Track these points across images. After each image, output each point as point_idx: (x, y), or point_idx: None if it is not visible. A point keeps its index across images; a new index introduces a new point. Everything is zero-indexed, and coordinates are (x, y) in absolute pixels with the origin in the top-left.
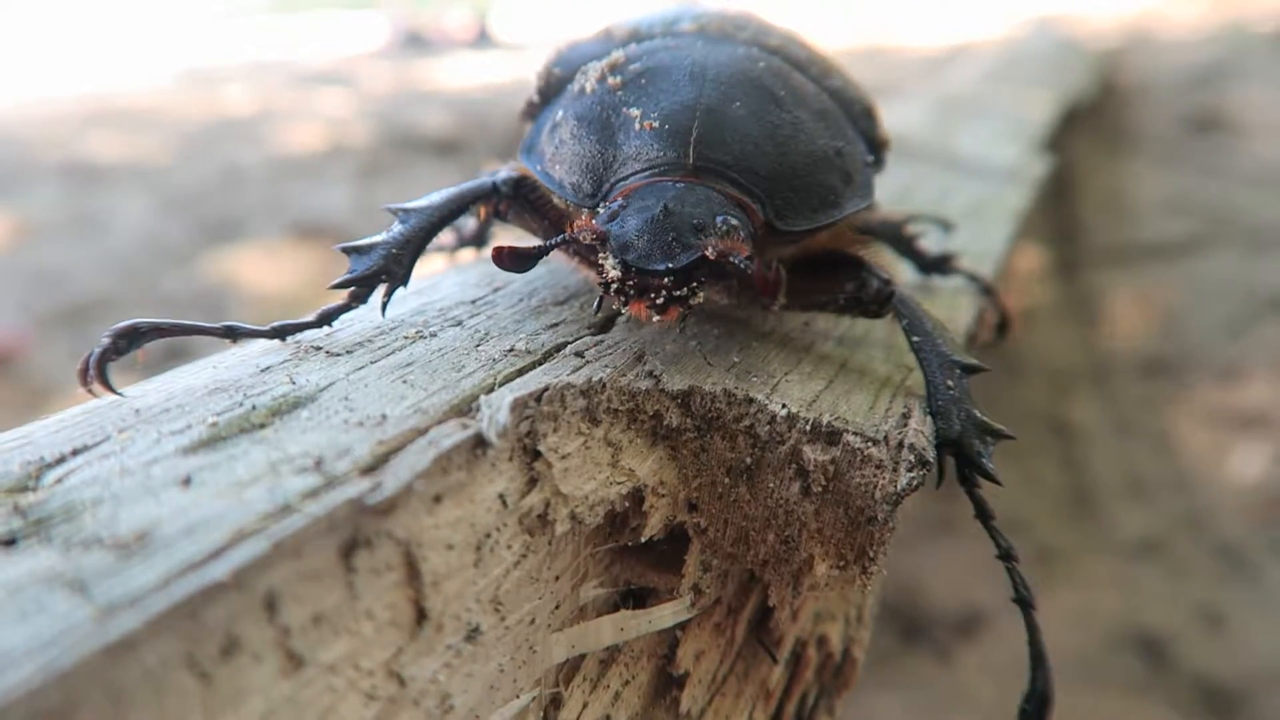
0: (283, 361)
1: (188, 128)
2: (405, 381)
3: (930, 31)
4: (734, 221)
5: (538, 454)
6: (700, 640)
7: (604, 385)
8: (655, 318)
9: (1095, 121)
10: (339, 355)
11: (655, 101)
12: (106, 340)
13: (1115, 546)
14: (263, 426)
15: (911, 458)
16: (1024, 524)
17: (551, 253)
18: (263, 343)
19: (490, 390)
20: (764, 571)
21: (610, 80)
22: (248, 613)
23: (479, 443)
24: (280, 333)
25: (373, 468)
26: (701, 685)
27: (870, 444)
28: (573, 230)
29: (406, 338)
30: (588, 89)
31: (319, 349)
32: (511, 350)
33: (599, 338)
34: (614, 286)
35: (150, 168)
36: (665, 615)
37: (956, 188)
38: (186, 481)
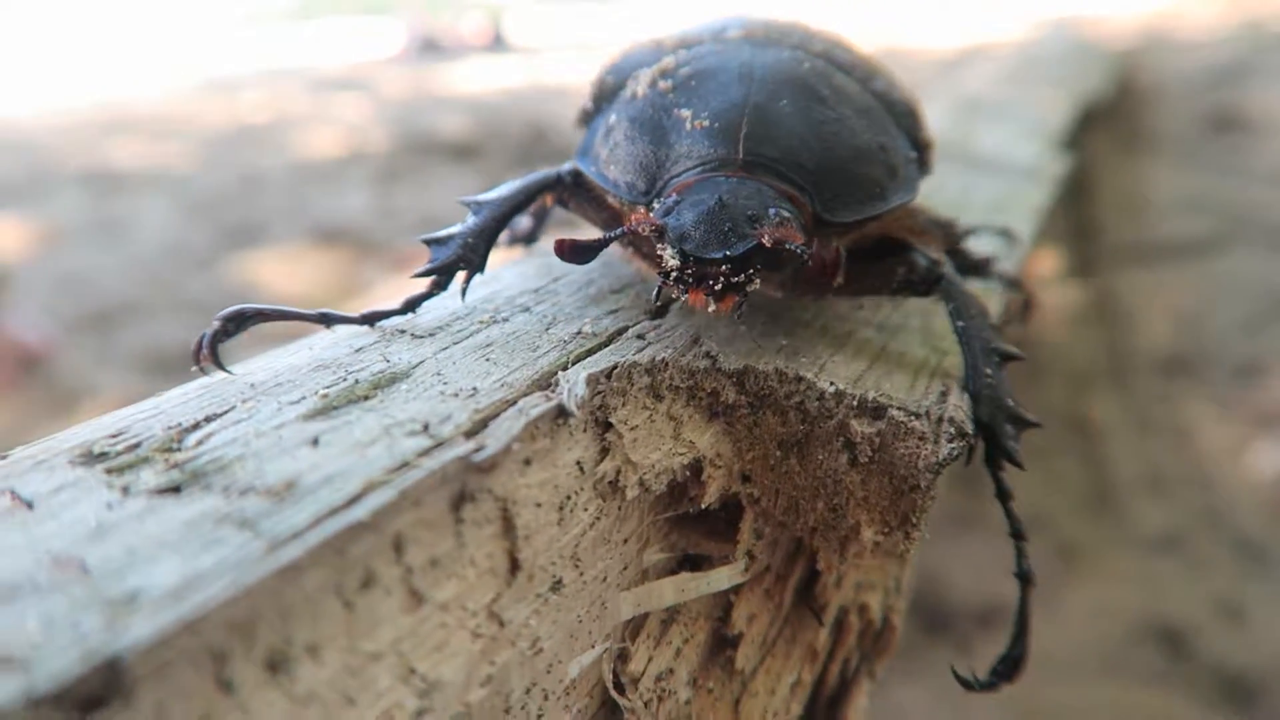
0: (373, 343)
1: (208, 134)
2: (488, 360)
3: (945, 33)
4: (786, 213)
5: (609, 425)
6: (752, 604)
7: (666, 364)
8: (712, 306)
9: (1113, 122)
10: (423, 338)
11: (705, 101)
12: (217, 323)
13: (1136, 541)
14: (368, 398)
15: (952, 430)
16: (1046, 519)
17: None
18: (352, 328)
19: (565, 367)
20: (813, 538)
21: (661, 84)
22: (381, 552)
23: (560, 413)
24: (370, 319)
25: (473, 432)
26: (754, 645)
27: (913, 418)
28: (632, 223)
29: (481, 322)
30: (639, 93)
31: (403, 332)
32: (579, 333)
33: (656, 322)
34: (673, 275)
35: (172, 174)
36: (721, 578)
37: (978, 185)
38: (315, 442)
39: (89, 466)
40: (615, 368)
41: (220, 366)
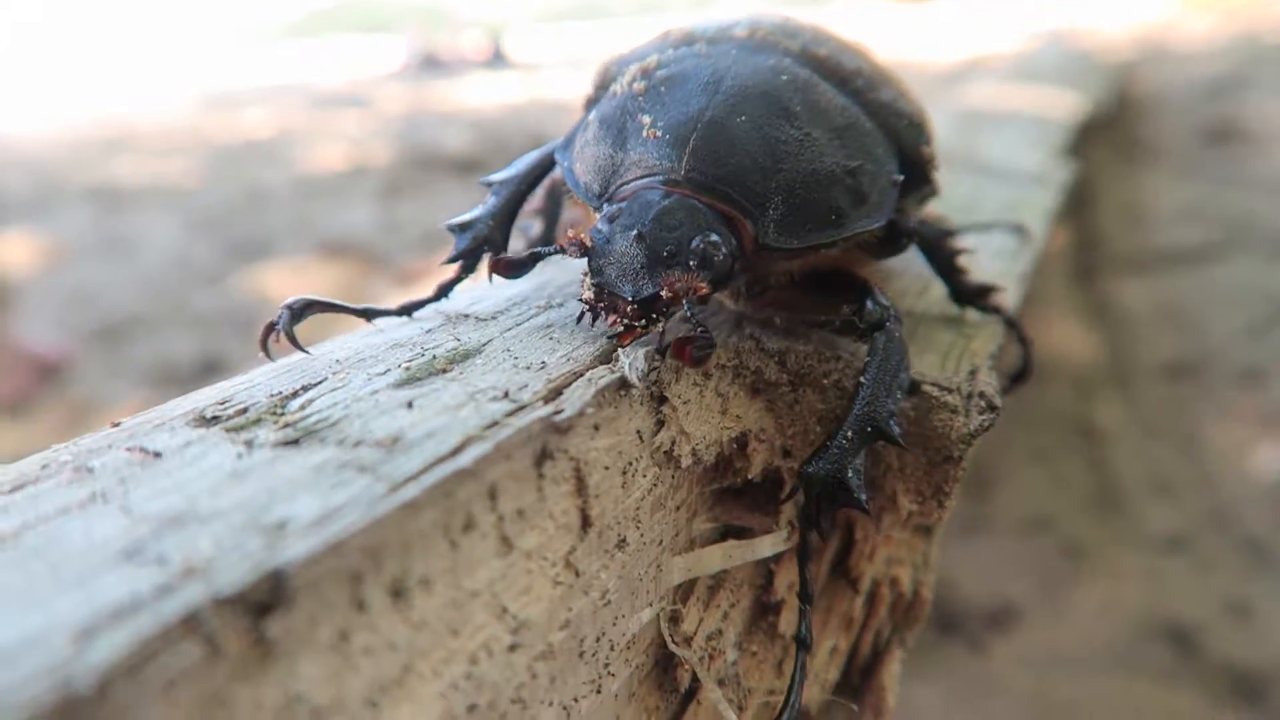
0: (441, 326)
1: (211, 150)
2: (551, 338)
3: (944, 47)
4: (713, 239)
5: (664, 399)
6: (792, 573)
7: (715, 344)
8: (624, 334)
9: (1112, 133)
10: (486, 320)
11: (666, 110)
12: (286, 311)
13: (1142, 542)
14: (446, 371)
15: (982, 403)
16: (1052, 521)
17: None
18: (424, 311)
19: (624, 345)
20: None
21: (636, 85)
22: (479, 499)
23: (623, 385)
24: (407, 310)
25: (550, 398)
26: (794, 612)
27: (946, 392)
28: (563, 242)
29: (538, 307)
30: (618, 91)
31: (467, 317)
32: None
33: (700, 308)
34: (586, 306)
35: (176, 189)
36: (765, 546)
37: (988, 190)
38: (409, 405)
39: (207, 427)
40: (669, 346)
41: (298, 346)
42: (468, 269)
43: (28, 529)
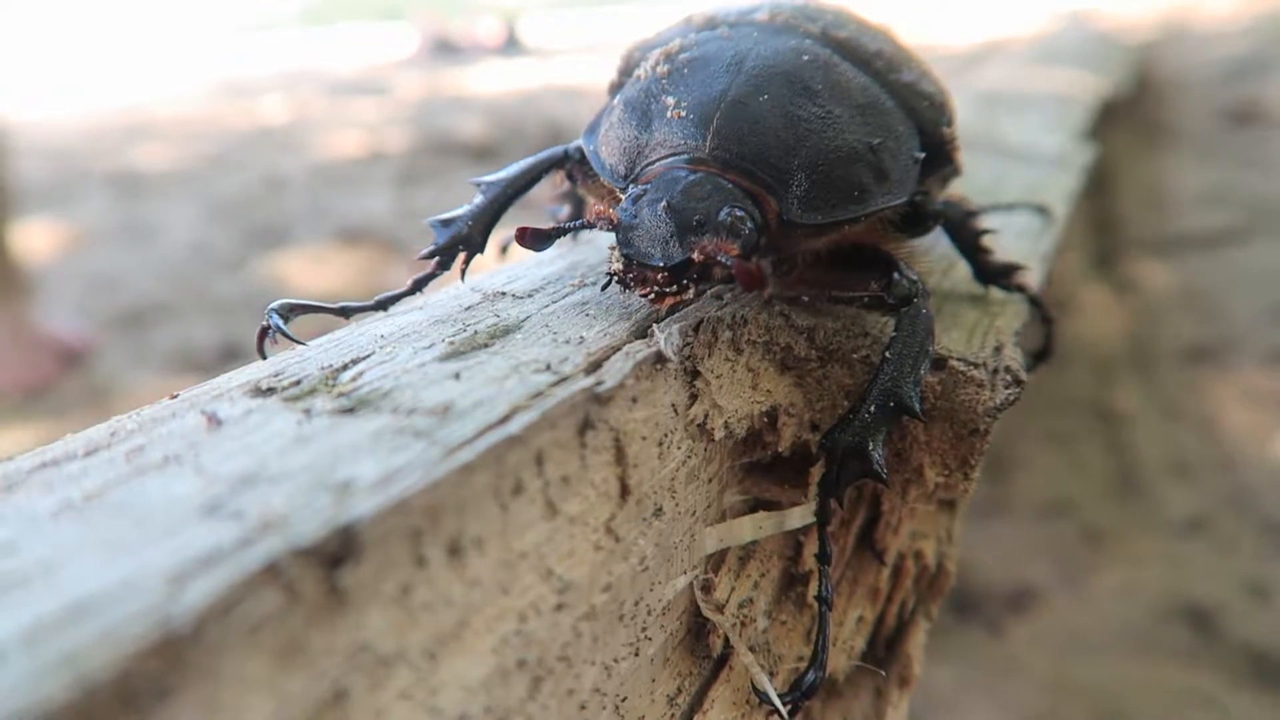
0: (479, 303)
1: (229, 137)
2: (588, 315)
3: (964, 28)
4: (739, 213)
5: (697, 374)
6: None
7: (745, 320)
8: (654, 304)
9: (1132, 115)
10: (523, 298)
11: (690, 91)
12: (275, 315)
13: (1162, 525)
14: (488, 345)
15: (1008, 377)
16: (1072, 504)
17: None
18: (456, 290)
19: (658, 320)
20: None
21: (660, 68)
22: (527, 465)
23: (659, 359)
24: (383, 304)
25: (590, 370)
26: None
27: (972, 367)
28: (591, 217)
29: (573, 285)
30: (643, 75)
31: (504, 294)
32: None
33: (730, 285)
34: (615, 276)
35: (195, 176)
36: (795, 517)
37: (1010, 172)
38: (457, 376)
39: (265, 397)
40: (702, 321)
41: (295, 340)
42: (443, 265)
43: (110, 488)
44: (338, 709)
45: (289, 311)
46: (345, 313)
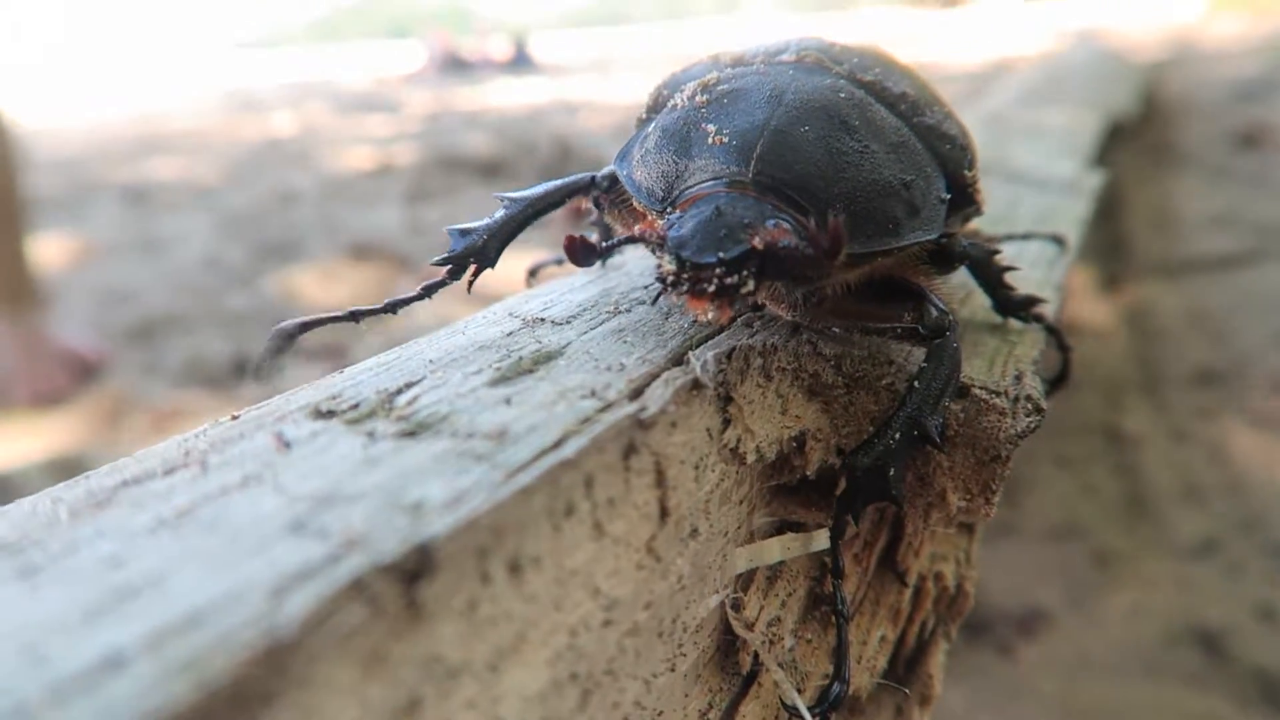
0: (520, 329)
1: (240, 151)
2: (625, 342)
3: (972, 49)
4: (785, 223)
5: (730, 400)
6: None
7: (775, 348)
8: (710, 314)
9: (1140, 136)
10: (562, 324)
11: (731, 119)
12: (274, 341)
13: (1171, 548)
14: (533, 371)
15: (1029, 405)
16: (1081, 527)
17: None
18: (495, 314)
19: (693, 348)
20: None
21: (698, 98)
22: (578, 487)
23: (695, 385)
24: (392, 307)
25: (633, 397)
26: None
27: (994, 395)
28: (638, 231)
29: (608, 312)
30: (679, 104)
31: (543, 320)
32: (695, 321)
33: (760, 313)
34: (670, 280)
35: (206, 190)
36: (822, 538)
37: (1023, 198)
38: (508, 401)
39: (326, 420)
40: (734, 349)
41: (269, 377)
42: (454, 274)
43: (198, 505)
44: (411, 716)
45: (299, 330)
46: (355, 317)
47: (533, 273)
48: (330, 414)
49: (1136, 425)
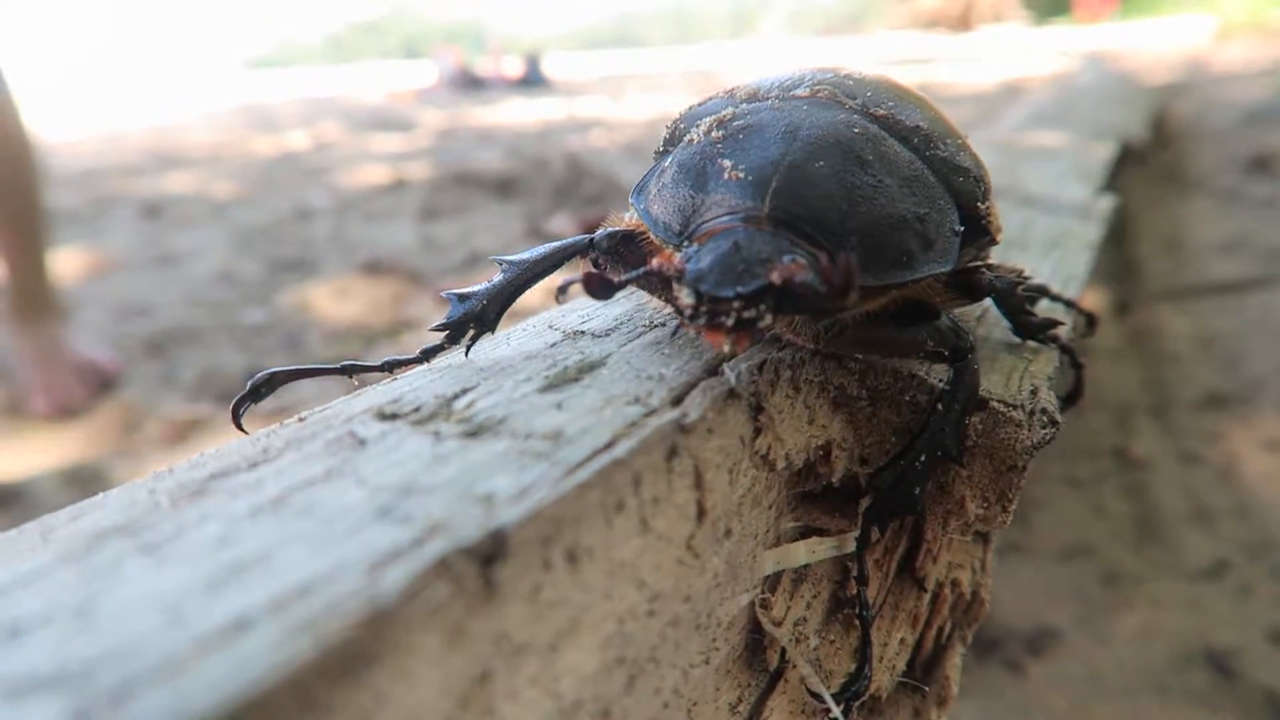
0: (563, 340)
1: (255, 167)
2: (663, 354)
3: (983, 70)
4: (801, 259)
5: (761, 409)
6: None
7: (803, 361)
8: (727, 346)
9: (1150, 160)
10: (602, 337)
11: (746, 155)
12: (248, 388)
13: (1181, 570)
14: (578, 379)
15: (1044, 418)
16: (1091, 548)
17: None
18: (537, 327)
19: (727, 360)
20: (923, 515)
21: (714, 134)
22: (627, 485)
23: (731, 394)
24: (389, 366)
25: (674, 403)
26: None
27: (1011, 408)
28: (656, 264)
29: (644, 326)
30: (695, 139)
31: (583, 333)
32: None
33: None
34: (688, 313)
35: (221, 205)
36: (847, 542)
37: (1035, 221)
38: (559, 406)
39: (391, 421)
40: (765, 362)
41: (240, 427)
42: (452, 339)
43: (289, 495)
44: (483, 687)
45: (286, 378)
46: (348, 372)
47: (562, 289)
48: (394, 416)
49: (1146, 447)
